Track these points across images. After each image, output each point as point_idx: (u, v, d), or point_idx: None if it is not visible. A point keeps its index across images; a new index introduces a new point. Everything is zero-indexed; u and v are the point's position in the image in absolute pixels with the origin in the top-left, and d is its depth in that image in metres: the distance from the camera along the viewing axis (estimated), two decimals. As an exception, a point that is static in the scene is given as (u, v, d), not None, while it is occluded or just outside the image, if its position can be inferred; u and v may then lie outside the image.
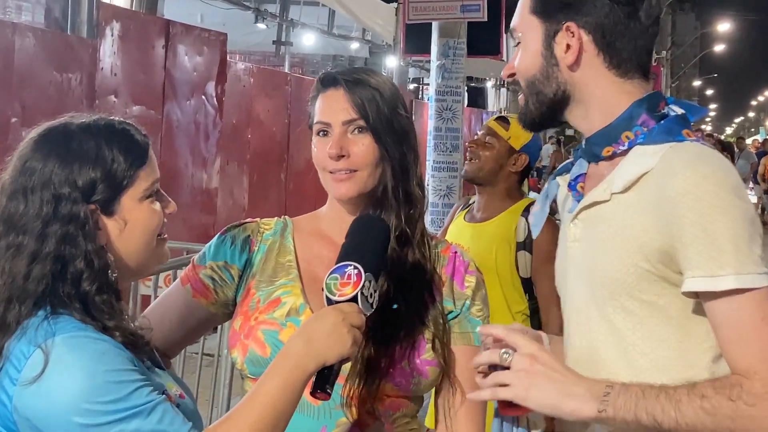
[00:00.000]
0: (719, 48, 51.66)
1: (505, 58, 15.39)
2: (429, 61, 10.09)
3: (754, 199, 16.59)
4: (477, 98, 18.52)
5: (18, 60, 6.85)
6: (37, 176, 1.67)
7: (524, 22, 1.79)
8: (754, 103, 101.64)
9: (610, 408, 1.59)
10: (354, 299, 1.72)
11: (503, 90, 19.22)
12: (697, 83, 66.33)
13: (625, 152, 1.72)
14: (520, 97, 1.87)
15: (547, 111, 1.79)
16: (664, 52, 29.75)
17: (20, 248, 1.65)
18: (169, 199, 1.82)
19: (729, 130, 78.06)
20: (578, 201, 1.83)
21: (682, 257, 1.58)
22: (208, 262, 2.04)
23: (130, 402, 1.57)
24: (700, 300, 1.62)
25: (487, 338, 1.78)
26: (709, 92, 76.08)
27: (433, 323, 1.96)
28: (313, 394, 1.75)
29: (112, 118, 1.79)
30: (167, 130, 8.71)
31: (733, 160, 24.12)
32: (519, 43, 1.82)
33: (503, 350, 1.69)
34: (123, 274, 1.76)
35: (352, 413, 1.93)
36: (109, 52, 7.88)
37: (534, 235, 2.13)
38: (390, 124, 1.95)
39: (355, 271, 1.72)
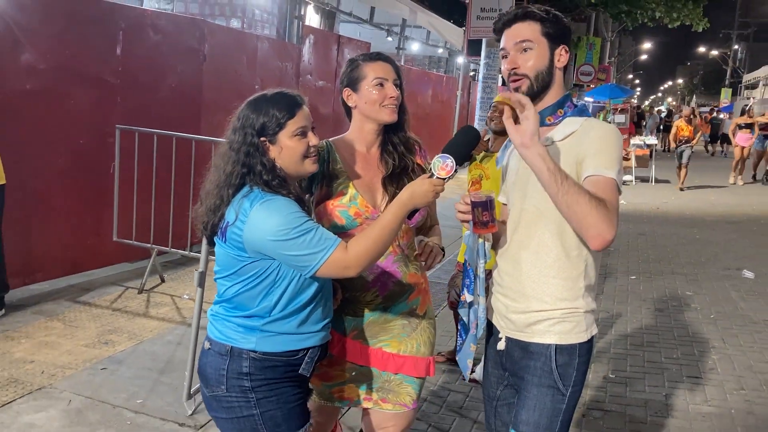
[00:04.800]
0: (644, 57, 49.22)
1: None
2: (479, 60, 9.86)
3: (654, 141, 15.45)
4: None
5: (259, 55, 6.78)
6: (241, 121, 1.68)
7: (537, 39, 1.68)
8: (661, 88, 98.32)
9: (545, 151, 1.54)
10: (443, 180, 1.64)
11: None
12: (630, 76, 63.10)
13: (558, 122, 1.71)
14: (520, 83, 1.69)
15: (541, 90, 1.69)
16: (613, 58, 28.01)
17: (229, 158, 1.67)
18: (315, 135, 1.71)
19: (646, 103, 73.86)
20: None
21: (590, 160, 1.60)
22: None
23: (304, 226, 1.59)
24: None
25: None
26: (636, 81, 71.96)
27: None
28: (410, 218, 1.73)
29: (285, 90, 1.71)
30: (337, 96, 8.58)
31: (644, 119, 22.59)
32: (527, 50, 1.68)
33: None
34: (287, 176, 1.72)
35: (393, 247, 1.91)
36: (307, 51, 7.77)
37: (502, 164, 1.92)
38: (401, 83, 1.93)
39: (452, 164, 1.63)
